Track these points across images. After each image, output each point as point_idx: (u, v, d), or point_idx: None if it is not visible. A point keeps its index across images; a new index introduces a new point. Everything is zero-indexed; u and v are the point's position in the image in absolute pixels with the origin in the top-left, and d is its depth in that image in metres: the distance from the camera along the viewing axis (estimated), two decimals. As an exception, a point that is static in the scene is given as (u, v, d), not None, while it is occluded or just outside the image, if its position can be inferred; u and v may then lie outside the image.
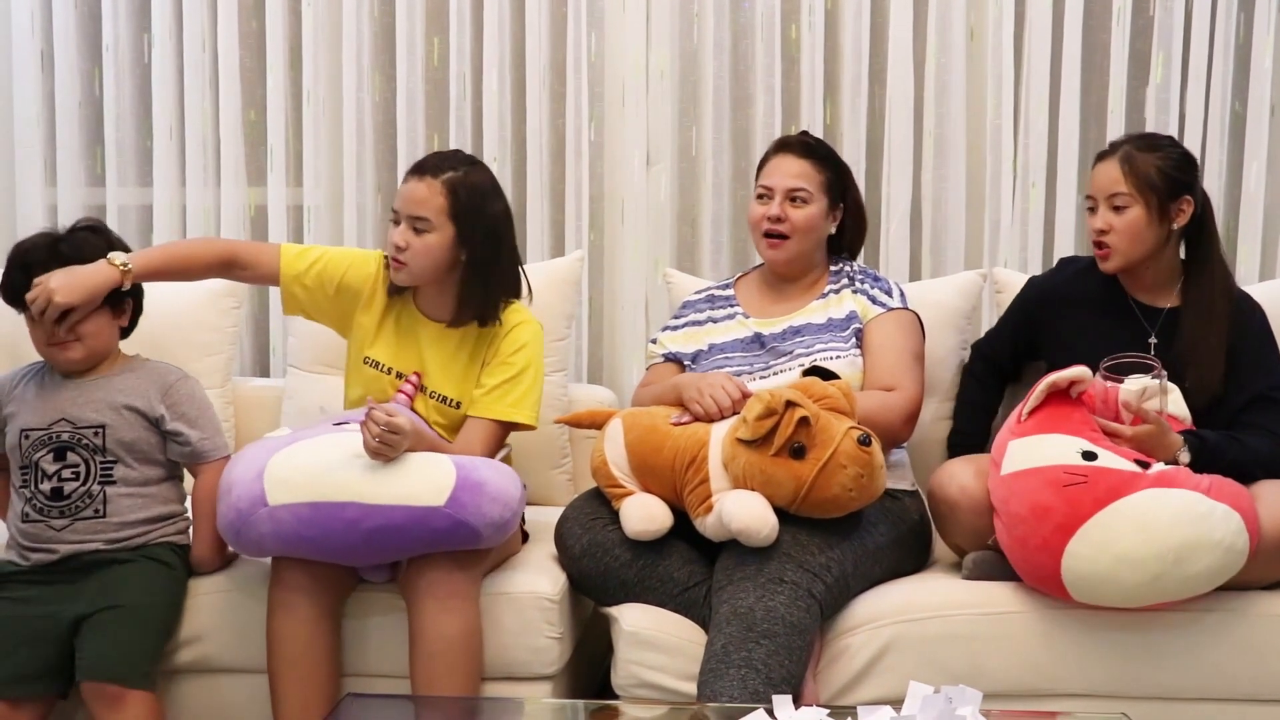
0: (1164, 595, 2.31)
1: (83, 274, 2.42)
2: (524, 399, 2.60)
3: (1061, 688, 2.39)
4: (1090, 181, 2.68)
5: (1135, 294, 2.70)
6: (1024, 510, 2.35)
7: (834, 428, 2.34)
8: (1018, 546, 2.37)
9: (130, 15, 3.58)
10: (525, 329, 2.64)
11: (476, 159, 2.67)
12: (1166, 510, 2.29)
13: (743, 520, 2.32)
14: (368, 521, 2.30)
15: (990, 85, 3.38)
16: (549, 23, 3.46)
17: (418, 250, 2.54)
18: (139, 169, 3.64)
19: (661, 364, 2.85)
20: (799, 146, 2.83)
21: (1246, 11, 3.32)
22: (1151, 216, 2.59)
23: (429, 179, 2.54)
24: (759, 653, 2.24)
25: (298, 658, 2.37)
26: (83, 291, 2.40)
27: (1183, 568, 2.26)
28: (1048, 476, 2.35)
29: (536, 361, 2.64)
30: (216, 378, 3.12)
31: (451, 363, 2.64)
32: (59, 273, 2.40)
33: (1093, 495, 2.30)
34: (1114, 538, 2.27)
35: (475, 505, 2.33)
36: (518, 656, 2.47)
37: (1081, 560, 2.28)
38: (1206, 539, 2.27)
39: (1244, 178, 3.35)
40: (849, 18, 3.39)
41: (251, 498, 2.32)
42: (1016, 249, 3.40)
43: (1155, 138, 2.69)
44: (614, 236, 3.52)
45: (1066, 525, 2.29)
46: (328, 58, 3.53)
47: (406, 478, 2.34)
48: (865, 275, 2.83)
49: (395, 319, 2.67)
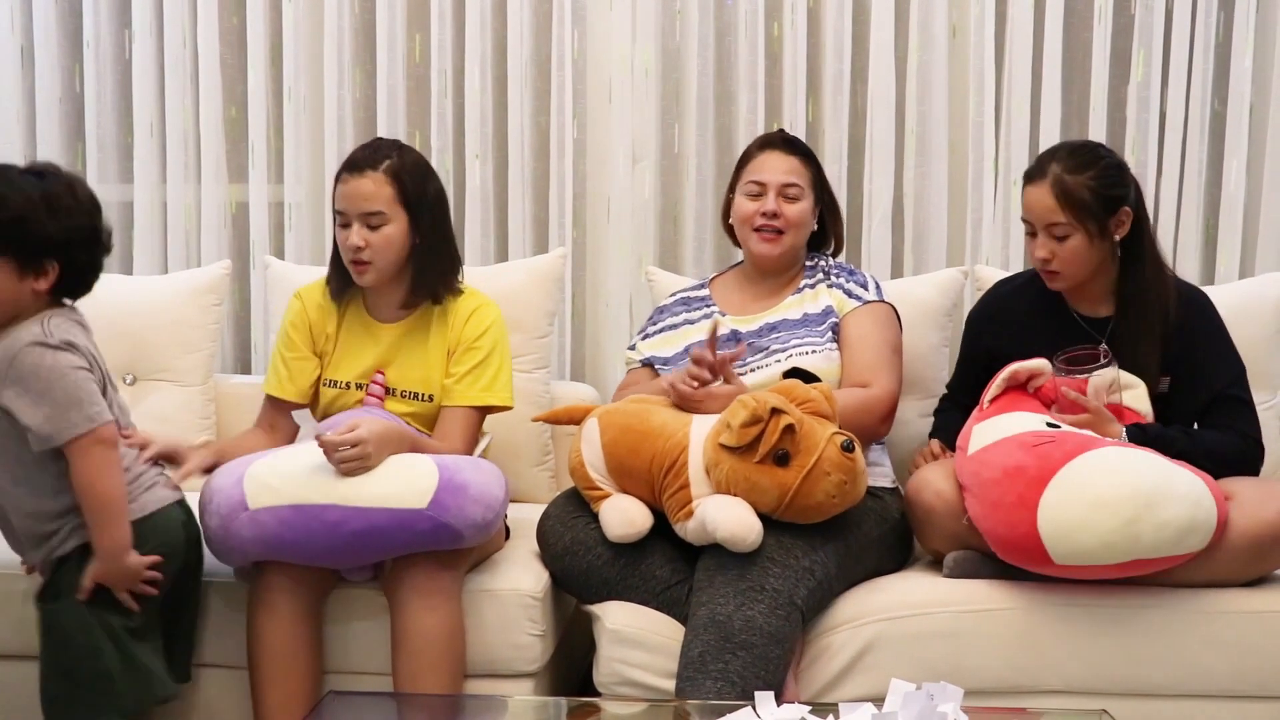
0: (1139, 546, 2.29)
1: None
2: (496, 380, 2.61)
3: (1042, 684, 2.40)
4: (1023, 203, 2.62)
5: (1076, 305, 2.69)
6: (997, 474, 2.37)
7: (818, 434, 2.34)
8: (992, 510, 2.37)
9: (111, 11, 3.57)
10: (486, 311, 2.65)
11: (402, 142, 2.67)
12: (1135, 459, 2.34)
13: (728, 528, 2.31)
14: (350, 524, 2.30)
15: (972, 83, 3.39)
16: (532, 19, 3.45)
17: (379, 246, 2.54)
18: (120, 165, 3.62)
19: (639, 368, 2.86)
20: (783, 144, 2.85)
21: (1226, 10, 3.34)
22: (1093, 239, 2.56)
23: (370, 172, 2.53)
24: (735, 665, 2.24)
25: (279, 656, 2.36)
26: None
27: (1155, 512, 2.27)
28: (1017, 441, 2.39)
29: (503, 342, 2.65)
30: (198, 375, 3.12)
31: (414, 357, 2.63)
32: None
33: (1063, 449, 2.34)
34: (1088, 482, 2.29)
35: (458, 507, 2.33)
36: (500, 654, 2.47)
37: (1057, 508, 2.29)
38: (1175, 490, 2.30)
39: (1224, 176, 3.36)
40: (831, 15, 3.39)
41: (232, 503, 2.31)
42: (998, 247, 3.41)
43: (1082, 152, 2.61)
44: (598, 234, 3.52)
45: (1040, 477, 2.31)
46: (309, 54, 3.52)
47: (388, 480, 2.33)
48: (840, 270, 2.83)
49: (346, 333, 2.67)
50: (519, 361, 3.03)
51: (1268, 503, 2.37)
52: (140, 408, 3.08)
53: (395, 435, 2.42)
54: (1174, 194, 3.36)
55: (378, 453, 2.34)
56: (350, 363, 2.65)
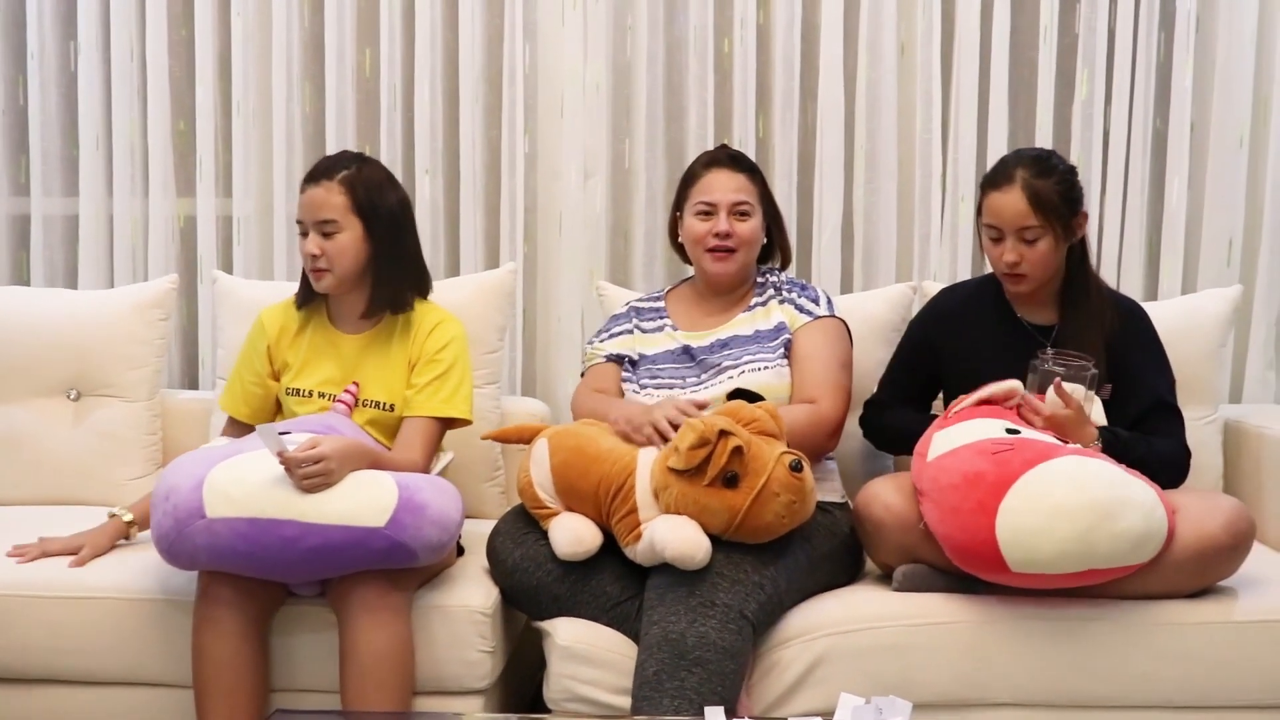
0: (1095, 555, 2.31)
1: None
2: (456, 393, 2.63)
3: (991, 697, 2.41)
4: (989, 210, 2.65)
5: (1022, 312, 2.74)
6: (956, 480, 2.38)
7: (766, 454, 2.34)
8: (950, 516, 2.38)
9: (55, 23, 3.53)
10: (448, 326, 2.68)
11: (365, 155, 2.72)
12: (1093, 469, 2.36)
13: (676, 547, 2.31)
14: (306, 540, 2.28)
15: (920, 100, 3.42)
16: (483, 34, 3.45)
17: (333, 253, 2.59)
18: (65, 179, 3.58)
19: (604, 364, 2.84)
20: (729, 161, 2.85)
21: (1166, 31, 3.39)
22: (1058, 241, 2.62)
23: (325, 182, 2.60)
24: (691, 681, 2.24)
25: (224, 672, 2.34)
26: None
27: (1112, 522, 2.29)
28: (976, 449, 2.40)
29: (464, 356, 2.68)
30: (144, 390, 3.09)
31: (378, 369, 2.65)
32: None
33: (1022, 458, 2.36)
34: (1047, 490, 2.31)
35: (415, 527, 2.32)
36: (450, 670, 2.45)
37: (1016, 515, 2.30)
38: (1131, 500, 2.32)
39: (1166, 194, 3.41)
40: (781, 33, 3.41)
41: (190, 508, 2.28)
42: (947, 262, 3.44)
43: (1043, 158, 2.66)
44: (549, 248, 3.52)
45: (999, 485, 2.32)
46: (257, 68, 3.50)
47: (348, 497, 2.32)
48: (792, 285, 2.85)
49: (309, 343, 2.69)
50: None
51: (1212, 515, 2.40)
52: (85, 423, 3.06)
53: (356, 451, 2.40)
54: (1118, 211, 3.41)
55: (340, 469, 2.33)
56: (313, 371, 2.67)
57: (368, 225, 2.61)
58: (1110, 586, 2.39)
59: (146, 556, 2.46)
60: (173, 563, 2.36)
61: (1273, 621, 2.41)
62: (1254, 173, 3.40)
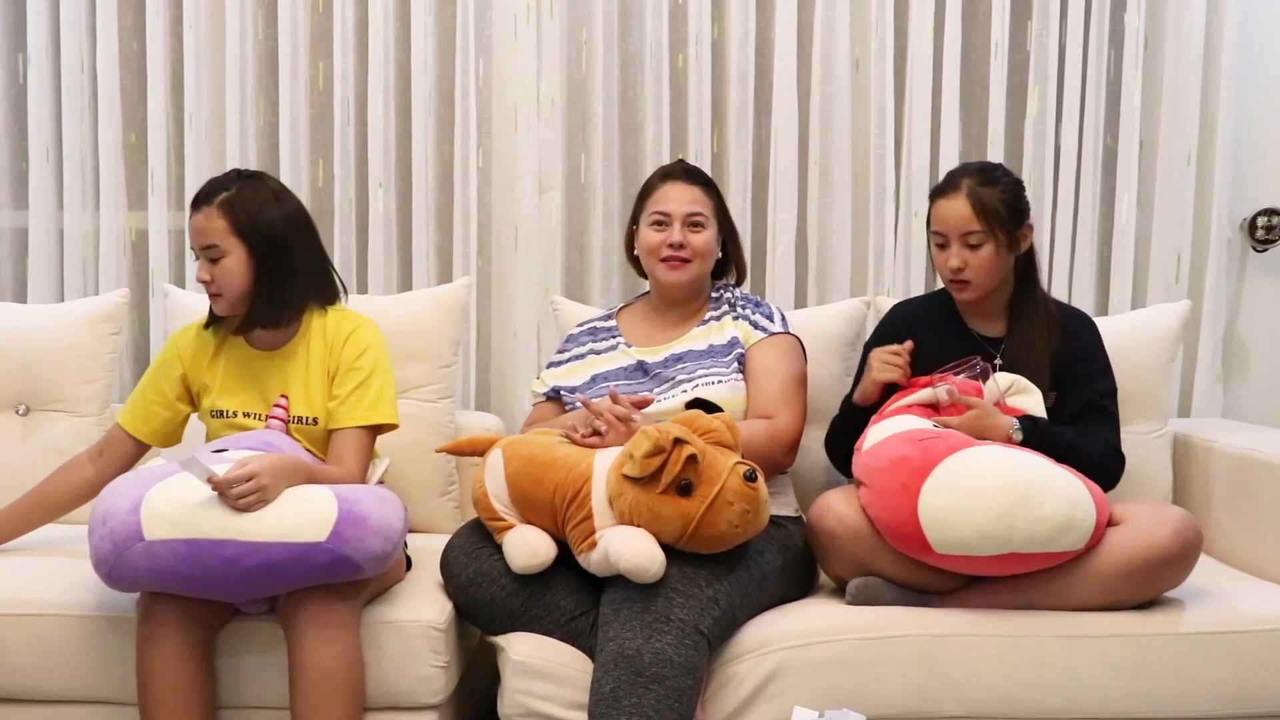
0: (1014, 539, 2.35)
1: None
2: (380, 399, 2.61)
3: (943, 710, 2.42)
4: (935, 217, 2.73)
5: (973, 324, 2.81)
6: (883, 464, 2.47)
7: (720, 464, 2.34)
8: (879, 498, 2.46)
9: (4, 34, 3.51)
10: (363, 331, 2.66)
11: (255, 172, 2.66)
12: (1016, 457, 2.44)
13: (630, 560, 2.31)
14: (247, 559, 2.25)
15: (873, 116, 3.44)
16: (436, 48, 3.45)
17: (220, 278, 2.57)
18: (14, 192, 3.56)
19: (544, 403, 2.87)
20: (685, 174, 2.87)
21: (1116, 49, 3.43)
22: (1001, 249, 2.69)
23: (205, 208, 2.57)
24: (649, 698, 2.23)
25: (169, 693, 2.30)
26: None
27: (1030, 509, 2.34)
28: (905, 436, 2.52)
29: (384, 360, 2.66)
30: (94, 405, 3.06)
31: (299, 384, 2.63)
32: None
33: (946, 444, 2.46)
34: (965, 475, 2.39)
35: (358, 539, 2.30)
36: (402, 686, 2.43)
37: (937, 496, 2.38)
38: (1053, 489, 2.38)
39: (1116, 210, 3.45)
40: (735, 48, 3.43)
41: (128, 531, 2.25)
42: (900, 277, 3.46)
43: (988, 170, 2.74)
44: (505, 263, 3.51)
45: (922, 468, 2.41)
46: (210, 80, 3.48)
47: (286, 514, 2.29)
48: (746, 301, 2.86)
49: (225, 365, 2.67)
50: (423, 391, 3.01)
51: (1160, 525, 2.43)
52: (34, 438, 3.03)
53: (289, 467, 2.38)
54: (1069, 226, 3.45)
55: (274, 486, 2.30)
56: (233, 392, 2.65)
57: (249, 246, 2.56)
58: (1056, 594, 2.43)
59: (91, 572, 2.42)
60: (114, 586, 2.32)
61: (1222, 633, 2.43)
62: (1201, 189, 3.45)
